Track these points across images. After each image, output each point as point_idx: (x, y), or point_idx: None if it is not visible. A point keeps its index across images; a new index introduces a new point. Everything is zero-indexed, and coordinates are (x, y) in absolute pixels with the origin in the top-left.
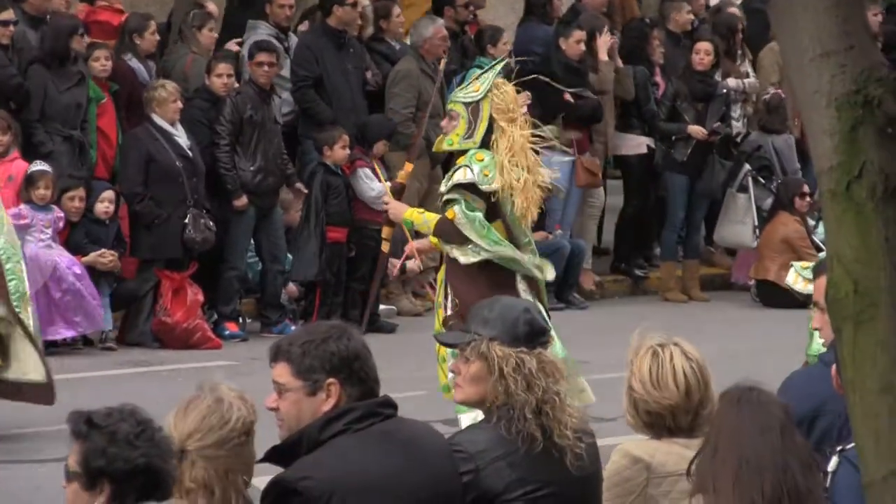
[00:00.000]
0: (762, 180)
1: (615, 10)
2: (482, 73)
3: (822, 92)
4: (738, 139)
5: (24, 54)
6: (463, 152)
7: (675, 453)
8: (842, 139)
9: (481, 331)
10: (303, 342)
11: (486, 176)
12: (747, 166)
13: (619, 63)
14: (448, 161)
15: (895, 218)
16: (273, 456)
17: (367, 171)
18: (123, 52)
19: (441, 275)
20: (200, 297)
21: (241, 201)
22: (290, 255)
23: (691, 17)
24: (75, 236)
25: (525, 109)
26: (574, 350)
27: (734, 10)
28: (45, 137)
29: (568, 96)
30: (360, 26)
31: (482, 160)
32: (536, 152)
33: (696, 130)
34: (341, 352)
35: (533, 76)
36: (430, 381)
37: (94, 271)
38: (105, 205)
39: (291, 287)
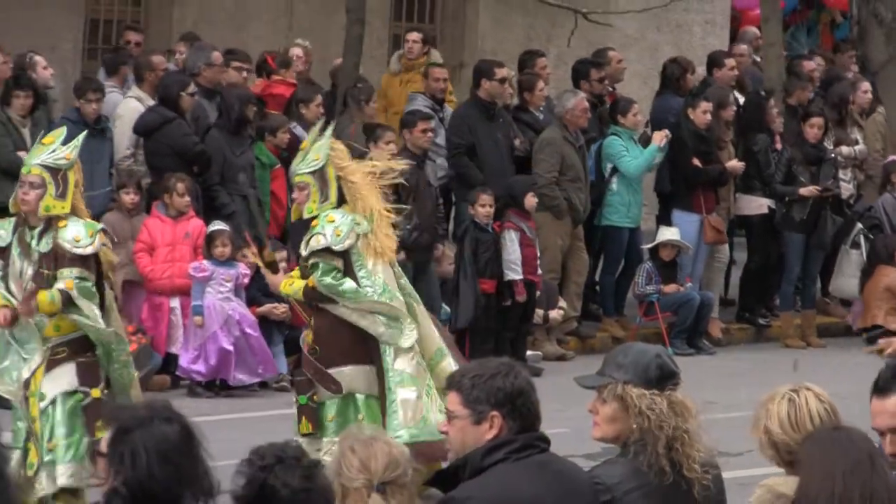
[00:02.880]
0: (872, 237)
1: (739, 83)
2: (314, 144)
3: None
4: (851, 200)
5: (200, 122)
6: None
7: None
8: None
9: (616, 374)
10: (473, 375)
11: (339, 236)
12: (859, 225)
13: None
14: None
15: None
16: (437, 479)
17: (513, 233)
18: (291, 119)
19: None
20: None
21: (399, 256)
22: (444, 305)
23: (810, 94)
24: (251, 290)
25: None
26: (702, 391)
27: (846, 83)
28: (227, 199)
29: (696, 161)
30: (508, 97)
31: (333, 221)
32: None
33: (809, 190)
34: (507, 388)
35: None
36: (573, 419)
37: (268, 321)
38: (281, 263)
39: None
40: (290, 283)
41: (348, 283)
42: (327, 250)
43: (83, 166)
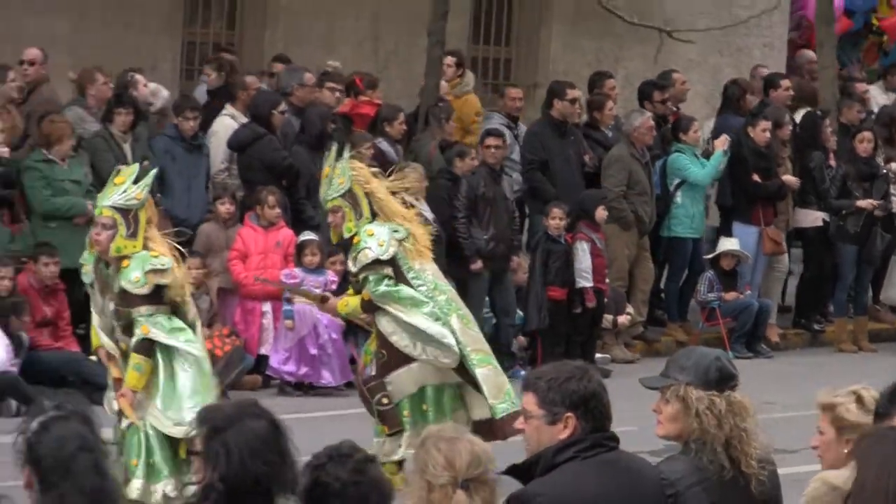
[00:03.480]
0: None
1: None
2: (335, 170)
3: None
4: None
5: (289, 139)
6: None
7: None
8: None
9: (679, 376)
10: (549, 378)
11: (382, 246)
12: None
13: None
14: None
15: None
16: (512, 471)
17: (585, 244)
18: (376, 136)
19: (372, 335)
20: None
21: (477, 265)
22: (519, 311)
23: (862, 114)
24: (337, 295)
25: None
26: (760, 392)
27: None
28: (312, 212)
29: (756, 177)
30: (578, 116)
31: (373, 234)
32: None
33: (866, 203)
34: (580, 391)
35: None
36: (639, 418)
37: (353, 325)
38: None
39: (521, 338)
40: (346, 304)
41: (405, 290)
42: (376, 262)
43: (182, 181)
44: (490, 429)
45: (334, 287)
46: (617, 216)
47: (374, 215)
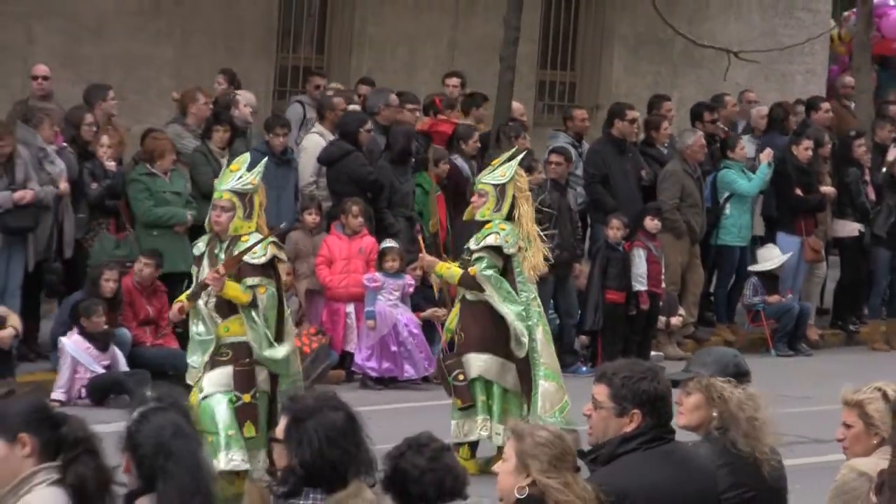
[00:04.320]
0: None
1: (835, 124)
2: (504, 162)
3: None
4: None
5: (373, 155)
6: (485, 221)
7: None
8: None
9: (702, 370)
10: (624, 375)
11: (507, 242)
12: None
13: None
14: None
15: None
16: (578, 456)
17: (641, 251)
18: (452, 153)
19: (454, 312)
20: None
21: (543, 271)
22: (580, 312)
23: (894, 134)
24: (416, 298)
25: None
26: (800, 387)
27: None
28: (393, 220)
29: (798, 191)
30: (635, 134)
31: (505, 229)
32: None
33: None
34: (650, 391)
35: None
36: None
37: (430, 325)
38: None
39: (582, 337)
40: (448, 268)
41: (506, 284)
42: (497, 249)
43: (272, 192)
44: None
45: (411, 290)
46: (671, 226)
47: (509, 217)
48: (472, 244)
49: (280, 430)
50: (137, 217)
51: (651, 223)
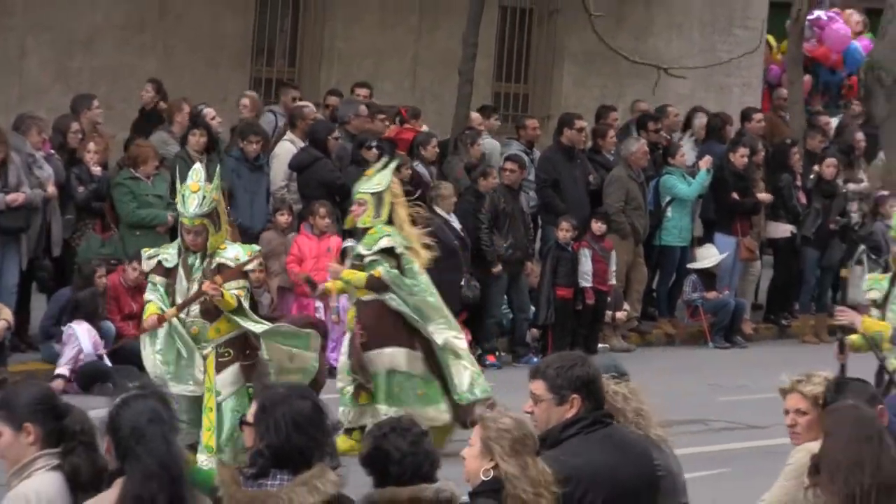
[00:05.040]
0: (873, 256)
1: (769, 133)
2: (379, 171)
3: None
4: (857, 227)
5: (342, 161)
6: (367, 228)
7: None
8: None
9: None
10: (557, 367)
11: (397, 243)
12: (862, 246)
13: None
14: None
15: None
16: None
17: (587, 251)
18: (413, 159)
19: (351, 313)
20: (468, 337)
21: (497, 269)
22: (532, 307)
23: (824, 143)
24: None
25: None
26: (737, 377)
27: (854, 133)
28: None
29: (735, 195)
30: (583, 142)
31: (390, 234)
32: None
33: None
34: (584, 376)
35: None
36: None
37: None
38: None
39: (534, 330)
40: (353, 273)
41: (408, 281)
42: (390, 251)
43: (245, 195)
44: (462, 413)
45: None
46: (616, 228)
47: (388, 222)
48: (361, 250)
49: (251, 415)
50: (122, 218)
51: (596, 225)
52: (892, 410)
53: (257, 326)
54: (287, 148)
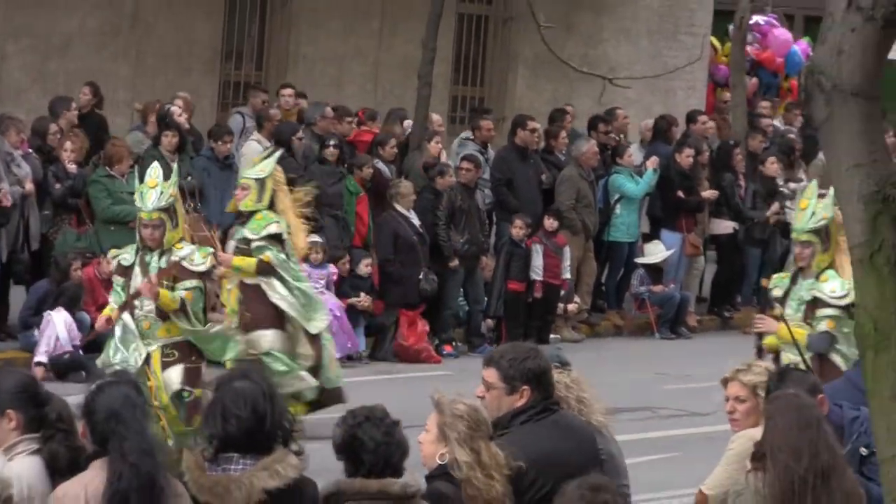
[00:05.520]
0: None
1: (714, 134)
2: (264, 159)
3: (854, 191)
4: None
5: (307, 160)
6: (252, 212)
7: None
8: (867, 225)
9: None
10: (510, 358)
11: (284, 229)
12: None
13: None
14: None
15: None
16: None
17: (539, 247)
18: (374, 158)
19: (235, 293)
20: (426, 328)
21: (454, 263)
22: (486, 298)
23: (763, 144)
24: (344, 286)
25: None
26: (681, 367)
27: (793, 135)
28: (318, 216)
29: (680, 194)
30: (536, 143)
31: (275, 220)
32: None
33: (773, 211)
34: (535, 368)
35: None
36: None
37: (355, 310)
38: (366, 267)
39: (489, 321)
40: (242, 260)
41: (295, 266)
42: (277, 237)
43: (216, 192)
44: (334, 395)
45: (335, 278)
46: (567, 224)
47: (270, 207)
48: (247, 234)
49: (205, 401)
50: (97, 214)
51: (548, 222)
52: (831, 399)
53: (191, 327)
54: (254, 147)
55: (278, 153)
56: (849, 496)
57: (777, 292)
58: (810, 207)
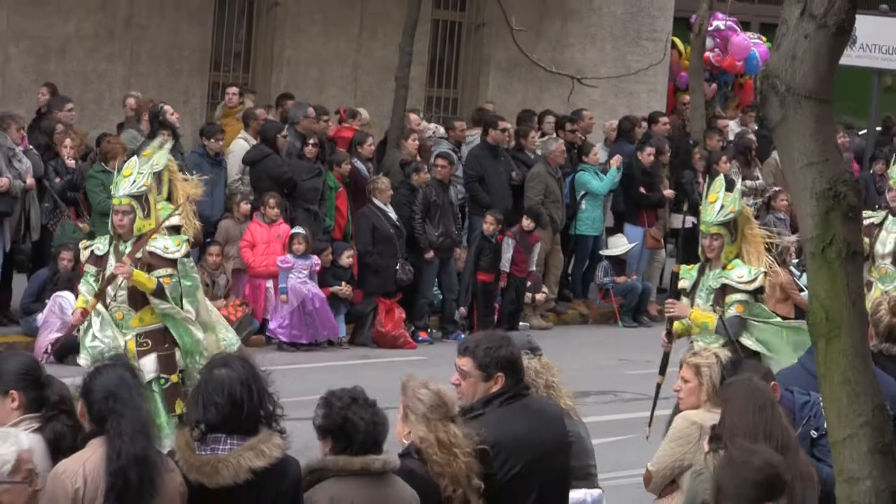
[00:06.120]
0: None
1: (672, 134)
2: (156, 151)
3: (807, 188)
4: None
5: (291, 157)
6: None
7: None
8: (819, 220)
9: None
10: (485, 347)
11: (178, 245)
12: None
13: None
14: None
15: (853, 271)
16: None
17: (510, 241)
18: (352, 156)
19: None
20: (403, 315)
21: (430, 255)
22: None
23: (721, 143)
24: (326, 276)
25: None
26: (643, 354)
27: (750, 135)
28: (303, 212)
29: (642, 190)
30: (507, 141)
31: (162, 209)
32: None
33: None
34: (508, 356)
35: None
36: None
37: (336, 298)
38: (348, 258)
39: (462, 309)
40: (143, 275)
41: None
42: (178, 229)
43: (206, 186)
44: None
45: (317, 269)
46: (539, 221)
47: (169, 198)
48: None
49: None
50: (94, 207)
51: (526, 222)
52: (784, 385)
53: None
54: (241, 145)
55: (169, 144)
56: (801, 475)
57: (684, 283)
58: (719, 201)
